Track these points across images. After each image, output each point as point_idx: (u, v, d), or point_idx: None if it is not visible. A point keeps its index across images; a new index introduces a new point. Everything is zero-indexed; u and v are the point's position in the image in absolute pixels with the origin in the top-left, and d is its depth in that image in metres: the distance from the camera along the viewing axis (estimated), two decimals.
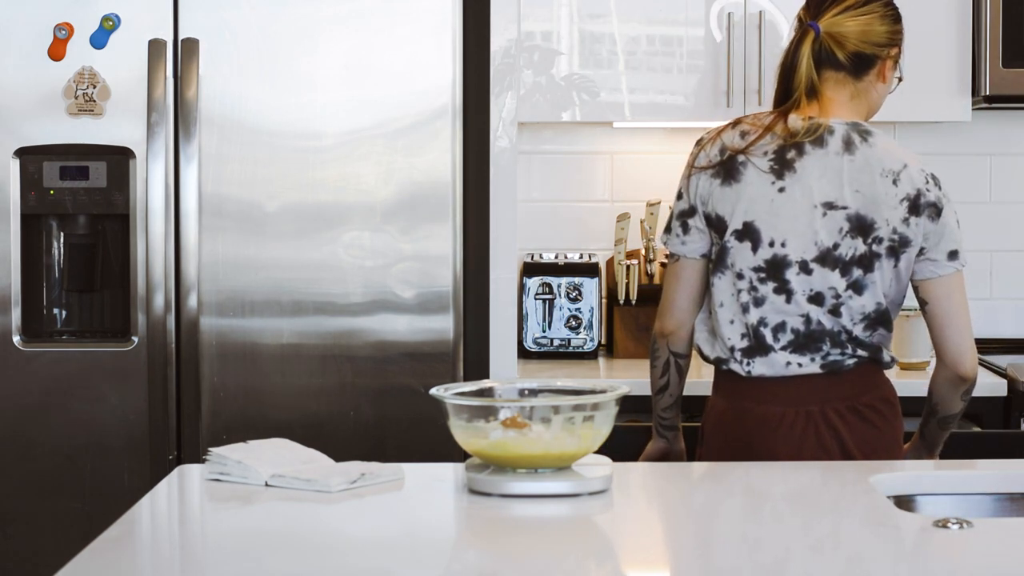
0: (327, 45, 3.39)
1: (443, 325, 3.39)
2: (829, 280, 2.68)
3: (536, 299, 3.91)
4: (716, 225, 2.74)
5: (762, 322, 2.70)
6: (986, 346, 3.93)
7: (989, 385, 3.47)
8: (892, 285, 2.71)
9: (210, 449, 2.40)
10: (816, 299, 2.69)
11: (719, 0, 3.73)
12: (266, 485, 2.31)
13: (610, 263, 4.03)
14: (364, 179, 3.37)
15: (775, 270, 2.69)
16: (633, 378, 3.32)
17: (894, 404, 2.79)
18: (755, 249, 2.70)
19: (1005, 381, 3.46)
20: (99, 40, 3.36)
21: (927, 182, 2.71)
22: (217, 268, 3.38)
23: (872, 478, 2.36)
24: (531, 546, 2.06)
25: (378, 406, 3.39)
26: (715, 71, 3.74)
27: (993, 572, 1.94)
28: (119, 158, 3.39)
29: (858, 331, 2.70)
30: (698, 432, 2.87)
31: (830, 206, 2.68)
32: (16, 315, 3.39)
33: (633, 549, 2.07)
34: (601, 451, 2.37)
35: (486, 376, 3.43)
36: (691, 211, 2.78)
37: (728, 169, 2.73)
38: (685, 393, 2.79)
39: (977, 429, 3.45)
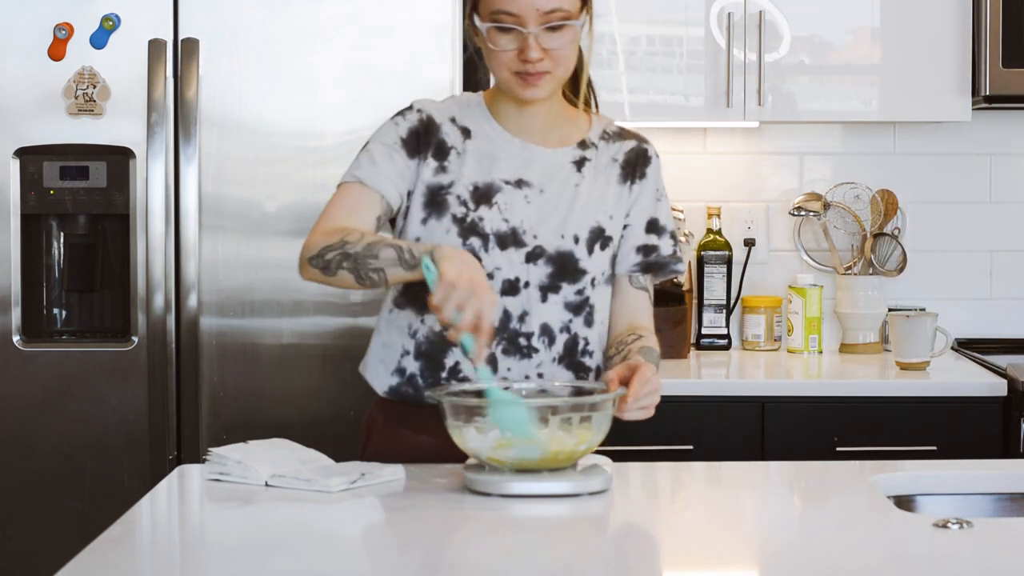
0: (327, 45, 3.39)
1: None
2: None
3: None
4: None
5: None
6: (986, 346, 3.93)
7: (989, 385, 3.47)
8: None
9: (210, 449, 2.40)
10: None
11: (719, 0, 3.73)
12: (266, 485, 2.31)
13: None
14: None
15: None
16: None
17: None
18: None
19: (1005, 381, 3.46)
20: (99, 40, 3.36)
21: None
22: (217, 268, 3.38)
23: (872, 478, 2.36)
24: (531, 546, 2.06)
25: None
26: (715, 71, 3.74)
27: (993, 572, 1.94)
28: (119, 158, 3.39)
29: None
30: None
31: None
32: (16, 315, 3.39)
33: (633, 549, 2.07)
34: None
35: None
36: None
37: None
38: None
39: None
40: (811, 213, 3.99)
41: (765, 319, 3.99)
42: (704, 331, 4.02)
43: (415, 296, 2.51)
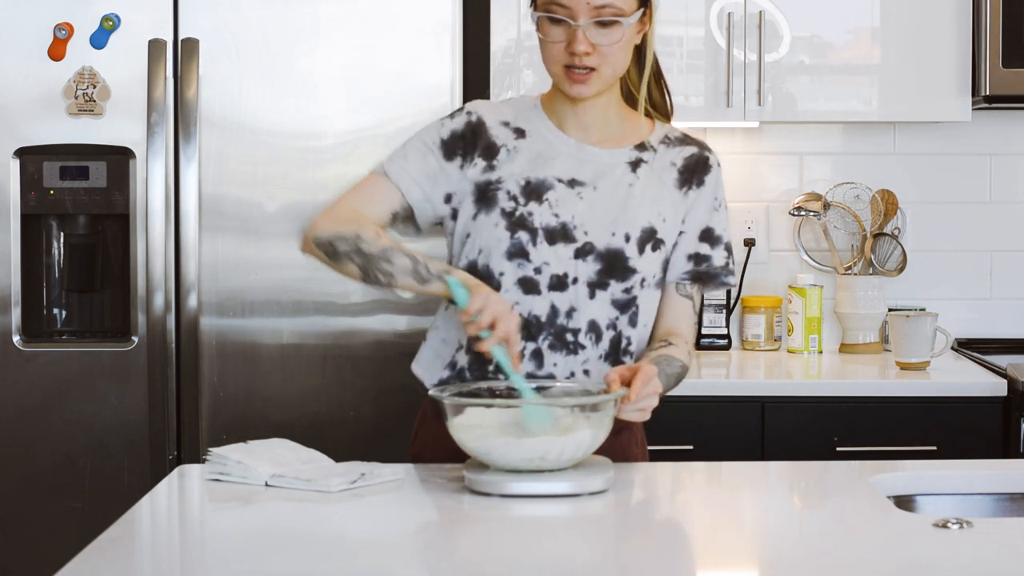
0: (327, 45, 3.39)
1: None
2: None
3: None
4: None
5: None
6: (986, 346, 3.93)
7: (989, 385, 3.47)
8: None
9: (210, 449, 2.40)
10: None
11: (719, 0, 3.74)
12: (266, 485, 2.31)
13: None
14: None
15: None
16: None
17: None
18: None
19: (1005, 381, 3.46)
20: (99, 40, 3.36)
21: None
22: (217, 268, 3.38)
23: (872, 478, 2.36)
24: (531, 546, 2.06)
25: (378, 406, 3.39)
26: (715, 71, 3.74)
27: (993, 572, 1.94)
28: (119, 158, 3.39)
29: None
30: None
31: None
32: (16, 315, 3.39)
33: (633, 549, 2.07)
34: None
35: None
36: None
37: None
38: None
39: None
40: (811, 213, 3.99)
41: (765, 319, 3.99)
42: (704, 331, 4.02)
43: None
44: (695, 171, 2.59)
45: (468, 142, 2.55)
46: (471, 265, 2.51)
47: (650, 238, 2.53)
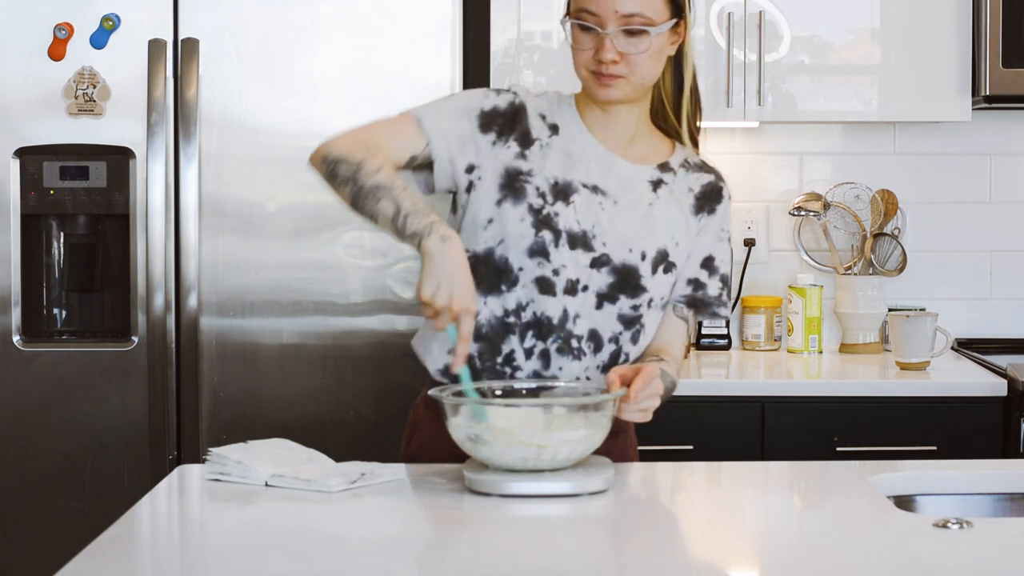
0: (327, 45, 3.39)
1: None
2: None
3: None
4: None
5: None
6: (986, 346, 3.93)
7: (989, 385, 3.47)
8: None
9: (210, 449, 2.40)
10: None
11: (719, 0, 3.74)
12: (266, 485, 2.31)
13: None
14: None
15: None
16: None
17: None
18: None
19: (1005, 381, 3.46)
20: (99, 40, 3.36)
21: None
22: (217, 268, 3.38)
23: (872, 478, 2.36)
24: (531, 546, 2.06)
25: (378, 406, 3.39)
26: (715, 71, 3.74)
27: (993, 572, 1.94)
28: (119, 158, 3.39)
29: None
30: None
31: None
32: (16, 315, 3.39)
33: (633, 549, 2.07)
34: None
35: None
36: None
37: None
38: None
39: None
40: (811, 213, 3.99)
41: (765, 319, 3.99)
42: (704, 331, 4.02)
43: (479, 279, 2.50)
44: (709, 198, 2.60)
45: (507, 121, 2.53)
46: (488, 252, 2.51)
47: (663, 260, 2.54)
